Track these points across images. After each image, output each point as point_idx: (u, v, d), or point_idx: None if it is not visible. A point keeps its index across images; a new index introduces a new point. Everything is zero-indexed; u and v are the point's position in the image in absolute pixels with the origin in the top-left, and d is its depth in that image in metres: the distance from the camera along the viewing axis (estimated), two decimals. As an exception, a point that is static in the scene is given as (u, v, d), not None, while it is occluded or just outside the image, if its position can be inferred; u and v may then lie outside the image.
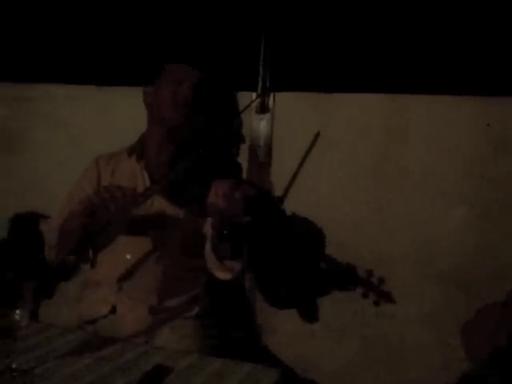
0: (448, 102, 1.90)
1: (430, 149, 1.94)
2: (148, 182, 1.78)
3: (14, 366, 1.08)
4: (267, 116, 2.22)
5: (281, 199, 2.03)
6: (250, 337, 2.19)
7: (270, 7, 2.23)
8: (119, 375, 1.10)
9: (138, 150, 1.87)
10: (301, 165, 2.03)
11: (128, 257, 1.74)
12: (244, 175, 2.13)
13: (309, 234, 1.99)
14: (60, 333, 1.35)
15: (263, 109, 2.23)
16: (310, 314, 2.07)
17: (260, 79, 2.28)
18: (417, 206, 1.95)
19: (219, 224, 1.47)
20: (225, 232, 1.45)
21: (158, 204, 1.73)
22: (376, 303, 1.73)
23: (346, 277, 1.81)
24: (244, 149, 2.22)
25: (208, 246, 1.63)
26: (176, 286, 1.78)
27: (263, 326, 2.21)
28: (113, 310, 1.74)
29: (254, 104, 2.21)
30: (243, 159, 2.15)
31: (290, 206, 2.00)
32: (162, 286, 1.74)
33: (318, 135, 1.98)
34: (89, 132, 2.71)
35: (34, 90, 2.93)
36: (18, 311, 1.05)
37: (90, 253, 1.77)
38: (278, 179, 2.15)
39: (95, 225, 1.57)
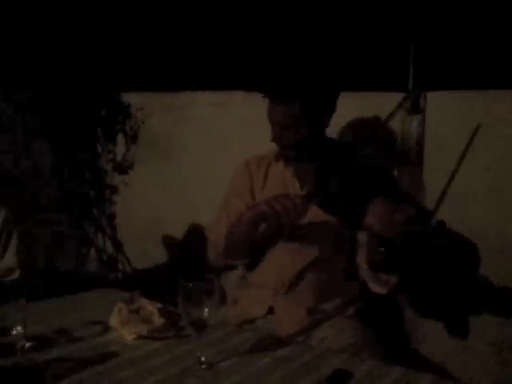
0: None
1: None
2: (298, 189, 1.79)
3: (202, 358, 1.14)
4: (418, 116, 2.15)
5: (432, 213, 1.97)
6: (400, 341, 2.15)
7: (419, 7, 2.17)
8: (300, 376, 1.11)
9: (284, 156, 1.88)
10: (459, 162, 1.95)
11: (285, 260, 1.77)
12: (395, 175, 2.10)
13: (462, 249, 1.92)
14: (235, 331, 1.40)
15: (415, 109, 2.16)
16: (460, 328, 1.98)
17: (411, 79, 2.22)
18: None
19: (375, 241, 1.46)
20: (380, 249, 1.43)
21: (313, 210, 1.74)
22: None
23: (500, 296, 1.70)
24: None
25: (361, 256, 1.61)
26: (332, 289, 1.78)
27: (412, 333, 2.16)
28: (270, 311, 1.79)
29: (406, 105, 2.15)
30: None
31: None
32: (318, 290, 1.76)
33: (477, 129, 1.88)
34: (237, 137, 2.81)
35: (184, 98, 3.10)
36: (206, 309, 1.10)
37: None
38: (429, 182, 2.08)
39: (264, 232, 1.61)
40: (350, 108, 2.10)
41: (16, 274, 1.75)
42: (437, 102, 2.10)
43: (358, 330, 1.73)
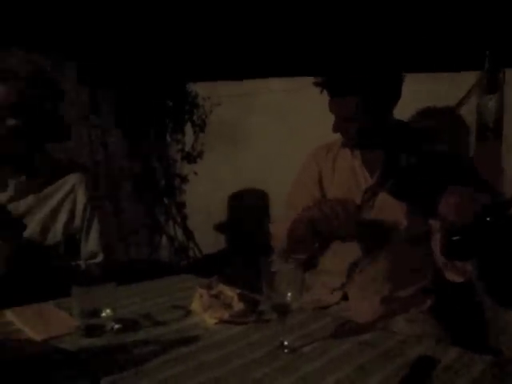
0: None
1: None
2: (368, 177, 1.76)
3: (285, 343, 1.14)
4: (496, 95, 2.06)
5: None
6: (479, 333, 2.08)
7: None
8: (383, 362, 1.10)
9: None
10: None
11: (358, 248, 1.75)
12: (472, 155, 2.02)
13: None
14: (314, 316, 1.40)
15: (492, 87, 2.07)
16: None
17: (488, 57, 2.12)
18: None
19: (450, 230, 1.41)
20: (455, 238, 1.38)
21: (383, 196, 1.70)
22: None
23: None
24: (471, 130, 2.09)
25: (435, 244, 1.57)
26: (405, 277, 1.75)
27: (492, 324, 2.08)
28: (344, 297, 1.77)
29: (482, 83, 2.06)
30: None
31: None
32: (392, 278, 1.73)
33: None
34: (306, 123, 2.79)
35: (251, 86, 3.11)
36: (289, 294, 1.11)
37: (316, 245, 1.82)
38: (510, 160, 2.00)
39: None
40: (422, 90, 2.04)
41: (99, 258, 1.81)
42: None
43: (433, 323, 1.69)
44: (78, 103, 3.30)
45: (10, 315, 1.33)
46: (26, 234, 1.70)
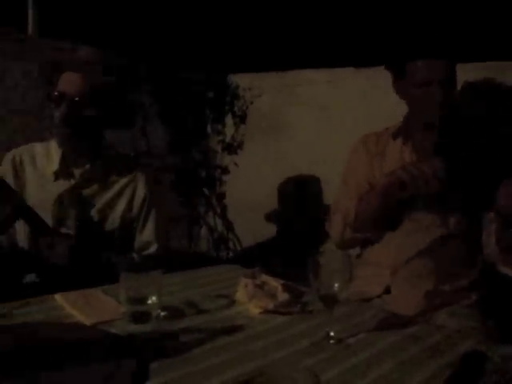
0: None
1: None
2: None
3: (331, 333, 1.13)
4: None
5: None
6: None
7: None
8: (431, 356, 1.08)
9: (403, 133, 1.82)
10: None
11: (404, 240, 1.72)
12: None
13: None
14: (359, 307, 1.39)
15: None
16: None
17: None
18: None
19: (506, 223, 1.37)
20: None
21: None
22: None
23: None
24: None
25: (489, 237, 1.53)
26: (451, 271, 1.72)
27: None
28: (386, 290, 1.75)
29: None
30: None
31: None
32: (437, 272, 1.71)
33: None
34: (348, 114, 2.76)
35: (292, 77, 3.09)
36: (336, 284, 1.10)
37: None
38: None
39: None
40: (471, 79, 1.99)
41: (153, 248, 1.84)
42: None
43: (478, 319, 1.66)
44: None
45: (59, 299, 1.36)
46: (87, 220, 1.75)
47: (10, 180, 1.77)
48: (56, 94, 1.67)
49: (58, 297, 1.38)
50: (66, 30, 2.80)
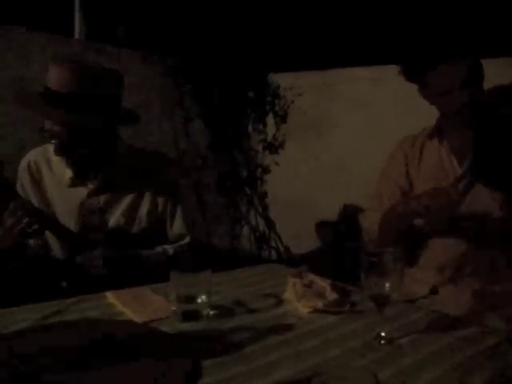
0: None
1: None
2: (457, 167, 1.69)
3: (382, 334, 1.12)
4: None
5: None
6: None
7: None
8: (484, 361, 1.05)
9: (438, 133, 1.78)
10: None
11: (451, 241, 1.69)
12: None
13: None
14: (409, 308, 1.37)
15: None
16: None
17: None
18: None
19: None
20: None
21: (476, 188, 1.63)
22: None
23: None
24: None
25: None
26: (500, 272, 1.68)
27: None
28: (433, 291, 1.72)
29: None
30: None
31: None
32: (484, 272, 1.66)
33: None
34: (391, 112, 2.73)
35: (334, 75, 3.07)
36: (388, 284, 1.09)
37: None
38: None
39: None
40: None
41: (187, 240, 1.85)
42: None
43: None
44: (162, 95, 3.40)
45: (110, 297, 1.39)
46: (112, 224, 1.76)
47: (28, 189, 1.78)
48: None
49: (109, 294, 1.41)
50: (111, 33, 2.86)
